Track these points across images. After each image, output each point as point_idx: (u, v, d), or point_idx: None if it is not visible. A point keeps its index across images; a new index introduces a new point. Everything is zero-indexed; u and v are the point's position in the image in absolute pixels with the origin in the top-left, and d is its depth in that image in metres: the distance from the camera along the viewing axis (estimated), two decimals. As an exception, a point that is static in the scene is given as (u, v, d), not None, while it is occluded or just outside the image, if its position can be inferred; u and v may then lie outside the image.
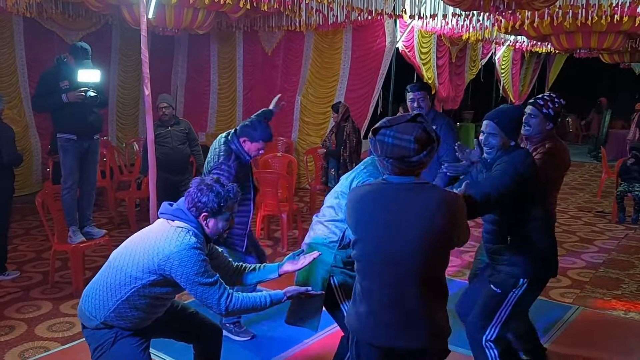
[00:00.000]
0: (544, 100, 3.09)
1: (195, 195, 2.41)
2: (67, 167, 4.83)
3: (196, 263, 2.33)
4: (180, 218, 2.43)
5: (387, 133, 2.00)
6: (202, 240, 2.45)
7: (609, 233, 6.78)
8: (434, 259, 2.05)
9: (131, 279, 2.39)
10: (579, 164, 13.01)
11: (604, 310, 4.41)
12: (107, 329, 2.45)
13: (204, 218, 2.42)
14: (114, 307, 2.41)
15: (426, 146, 1.99)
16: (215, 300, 2.38)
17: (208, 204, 2.39)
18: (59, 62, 4.85)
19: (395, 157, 1.99)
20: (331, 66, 9.10)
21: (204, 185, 2.41)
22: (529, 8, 5.34)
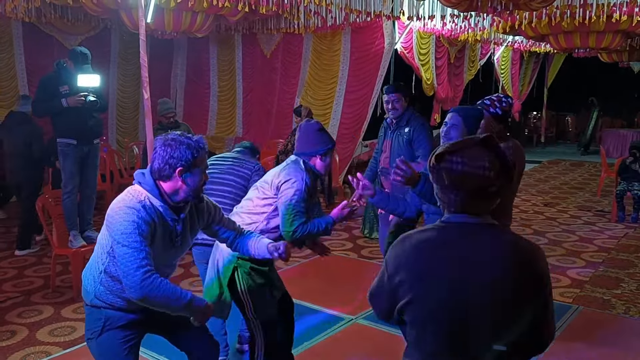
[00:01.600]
0: (491, 100, 3.10)
1: (164, 151, 2.23)
2: (67, 172, 4.85)
3: (125, 222, 2.15)
4: (138, 182, 2.29)
5: (455, 159, 1.60)
6: (159, 206, 2.25)
7: (609, 232, 6.79)
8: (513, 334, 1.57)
9: (102, 247, 2.30)
10: (578, 163, 13.03)
11: (604, 310, 4.42)
12: (98, 310, 2.34)
13: (179, 173, 2.23)
14: (99, 279, 2.31)
15: (501, 174, 1.61)
16: (133, 268, 2.13)
17: (182, 157, 2.22)
18: (58, 67, 4.87)
19: (468, 188, 1.59)
20: (330, 68, 9.12)
21: (171, 141, 2.24)
22: (527, 8, 5.36)
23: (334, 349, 3.81)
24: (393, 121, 4.28)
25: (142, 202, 2.22)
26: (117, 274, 2.24)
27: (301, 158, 3.00)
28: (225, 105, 10.47)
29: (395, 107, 4.16)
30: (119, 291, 2.29)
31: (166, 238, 2.31)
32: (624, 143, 13.47)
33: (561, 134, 17.71)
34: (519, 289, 1.55)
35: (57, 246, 4.74)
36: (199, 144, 2.28)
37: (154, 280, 2.16)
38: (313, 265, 5.54)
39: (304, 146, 3.03)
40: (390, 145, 4.22)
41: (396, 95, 4.17)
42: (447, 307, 1.58)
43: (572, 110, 17.46)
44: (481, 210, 1.63)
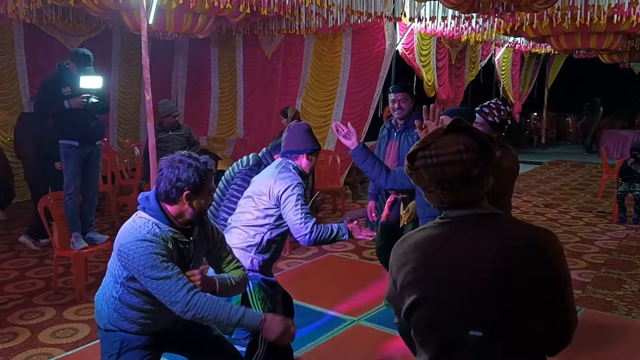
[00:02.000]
0: (490, 108, 3.09)
1: (171, 174, 2.17)
2: (69, 174, 4.84)
3: (144, 256, 2.12)
4: (144, 208, 2.24)
5: (427, 154, 1.53)
6: (167, 231, 2.22)
7: (610, 233, 6.79)
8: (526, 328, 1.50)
9: (114, 277, 2.27)
10: (579, 164, 13.02)
11: (606, 311, 4.42)
12: (113, 333, 2.34)
13: (186, 197, 2.18)
14: (113, 306, 2.30)
15: (480, 152, 1.52)
16: (172, 295, 2.13)
17: (190, 180, 2.16)
18: (60, 68, 4.87)
19: (451, 177, 1.52)
20: (331, 69, 9.12)
21: (178, 162, 2.18)
22: (528, 10, 5.36)
23: (335, 351, 3.80)
24: (398, 122, 4.22)
25: (151, 230, 2.18)
26: (132, 302, 2.27)
27: (287, 159, 3.05)
28: (226, 106, 10.48)
29: (401, 106, 4.08)
30: (134, 317, 2.31)
31: (180, 261, 2.27)
32: (624, 144, 13.48)
33: (562, 135, 17.71)
34: (525, 283, 1.47)
35: (58, 248, 4.74)
36: (207, 166, 2.23)
37: (200, 297, 2.16)
38: (314, 267, 5.54)
39: (292, 144, 3.07)
40: (399, 147, 4.11)
41: (403, 94, 4.09)
42: (449, 307, 1.53)
43: (573, 112, 17.46)
44: (473, 197, 1.54)
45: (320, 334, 3.95)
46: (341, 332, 4.03)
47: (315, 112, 9.33)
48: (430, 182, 1.54)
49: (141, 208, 2.26)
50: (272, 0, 6.09)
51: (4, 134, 8.15)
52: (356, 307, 4.42)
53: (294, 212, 2.85)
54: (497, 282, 1.48)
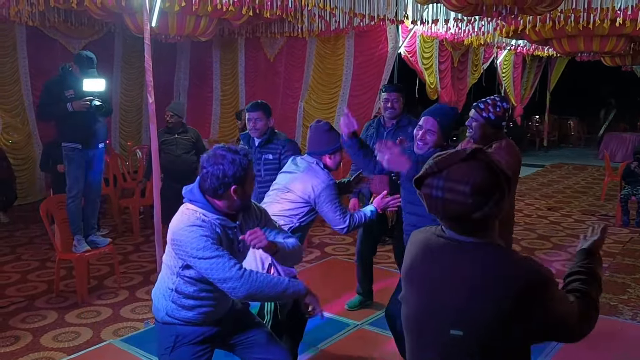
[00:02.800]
0: (485, 104, 3.07)
1: (217, 170, 2.23)
2: (72, 176, 4.83)
3: (195, 239, 2.21)
4: (190, 200, 2.34)
5: (434, 184, 1.47)
6: (215, 218, 2.29)
7: (614, 237, 6.76)
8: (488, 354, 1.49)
9: (170, 269, 2.37)
10: (581, 166, 13.00)
11: (611, 316, 4.39)
12: (169, 327, 2.39)
13: (234, 192, 2.26)
14: (170, 298, 2.37)
15: (490, 195, 1.43)
16: (226, 271, 2.20)
17: (235, 175, 2.23)
18: (63, 71, 4.86)
19: (450, 215, 1.48)
20: (333, 72, 9.11)
21: (220, 158, 2.24)
22: (532, 13, 5.34)
23: (339, 355, 3.78)
24: (387, 121, 4.25)
25: (199, 218, 2.27)
26: (188, 291, 2.34)
27: (314, 159, 3.29)
28: (228, 109, 10.47)
29: (394, 106, 4.17)
30: (191, 305, 2.37)
31: (230, 246, 2.35)
32: (626, 147, 13.45)
33: (564, 138, 17.70)
34: (491, 315, 1.43)
35: (60, 251, 4.73)
36: (248, 158, 2.29)
37: (250, 273, 2.25)
38: (318, 270, 5.52)
39: (314, 146, 3.34)
40: None
41: (396, 94, 4.18)
42: (420, 320, 1.56)
43: (575, 114, 17.45)
44: (469, 232, 1.49)
45: (323, 338, 3.93)
46: (344, 336, 4.01)
47: (318, 115, 9.29)
48: (430, 211, 1.51)
49: (187, 201, 2.35)
50: (275, 3, 6.08)
51: (6, 137, 8.15)
52: (359, 311, 4.40)
53: (333, 210, 3.17)
54: (464, 312, 1.46)
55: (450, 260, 1.51)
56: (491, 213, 1.45)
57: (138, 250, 6.12)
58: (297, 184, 3.20)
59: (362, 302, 4.48)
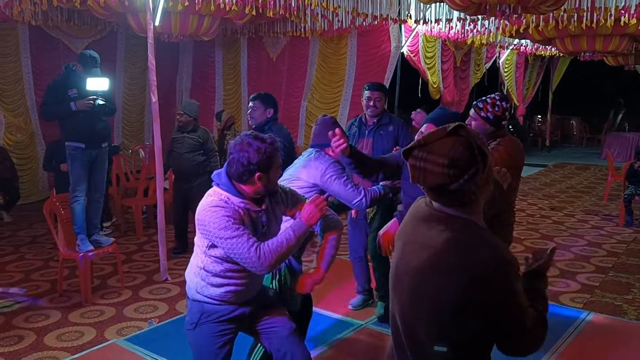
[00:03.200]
0: (484, 103, 3.06)
1: (242, 156, 2.32)
2: (75, 176, 4.82)
3: (217, 219, 2.32)
4: (217, 183, 2.44)
5: (419, 155, 1.54)
6: (239, 202, 2.38)
7: (617, 237, 6.74)
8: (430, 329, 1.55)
9: (199, 248, 2.48)
10: (583, 166, 12.98)
11: (615, 316, 4.38)
12: (197, 304, 2.50)
13: (258, 178, 2.34)
14: (199, 275, 2.48)
15: (466, 169, 1.48)
16: (245, 250, 2.31)
17: (260, 162, 2.32)
18: (67, 70, 4.86)
19: (429, 185, 1.54)
20: (336, 71, 9.10)
21: (247, 145, 2.33)
22: (535, 12, 5.33)
23: (343, 354, 3.78)
24: (369, 119, 4.31)
25: (222, 199, 2.38)
26: (216, 270, 2.45)
27: (316, 150, 3.36)
28: (231, 108, 10.45)
29: (376, 104, 4.22)
30: (219, 284, 2.47)
31: (254, 229, 2.44)
32: (629, 147, 13.43)
33: (566, 138, 17.67)
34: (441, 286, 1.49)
35: (64, 250, 4.72)
36: (274, 146, 2.38)
37: (264, 248, 2.34)
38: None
39: (319, 138, 3.37)
40: (372, 144, 4.25)
41: (379, 93, 4.24)
42: (393, 276, 1.67)
43: (577, 114, 17.42)
44: (448, 203, 1.56)
45: (327, 338, 3.93)
46: (349, 336, 4.01)
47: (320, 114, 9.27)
48: (415, 181, 1.58)
49: (215, 184, 2.46)
50: (278, 2, 6.08)
51: (9, 136, 8.16)
52: (363, 310, 4.39)
53: (343, 185, 3.17)
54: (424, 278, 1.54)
55: (425, 227, 1.59)
56: (467, 186, 1.50)
57: (141, 250, 6.11)
58: (302, 170, 3.27)
59: (364, 302, 4.48)
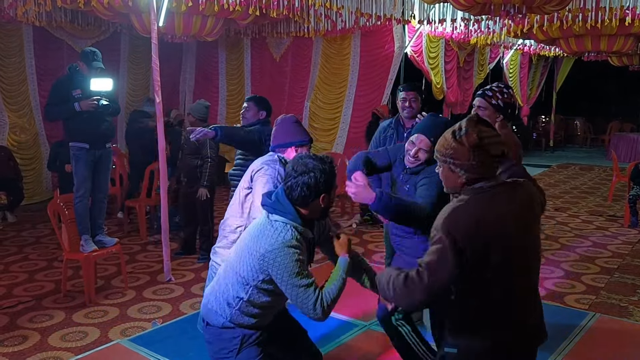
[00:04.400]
0: (492, 91, 3.04)
1: (309, 180, 2.29)
2: (79, 176, 4.82)
3: (291, 263, 2.23)
4: (278, 211, 2.33)
5: (488, 135, 2.01)
6: (302, 231, 2.33)
7: (622, 237, 6.72)
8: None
9: (243, 279, 2.36)
10: (588, 167, 12.93)
11: (621, 317, 4.35)
12: (231, 330, 2.42)
13: (322, 200, 2.33)
14: (237, 306, 2.39)
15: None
16: (312, 304, 2.25)
17: (327, 184, 2.31)
18: (71, 70, 4.87)
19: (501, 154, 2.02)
20: (340, 72, 9.09)
21: (311, 169, 2.29)
22: (540, 12, 5.31)
23: (347, 356, 3.77)
24: (406, 122, 4.17)
25: (294, 235, 2.29)
26: (261, 301, 2.38)
27: (276, 153, 3.18)
28: (234, 108, 10.45)
29: (412, 105, 4.11)
30: (256, 313, 2.42)
31: (309, 256, 2.43)
32: (633, 147, 13.38)
33: (570, 138, 17.62)
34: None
35: (68, 250, 4.73)
36: (333, 167, 2.37)
37: (326, 297, 2.29)
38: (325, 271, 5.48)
39: (279, 137, 3.20)
40: None
41: (414, 93, 4.14)
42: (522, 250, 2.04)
43: (581, 114, 17.37)
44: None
45: (331, 339, 3.92)
46: (352, 337, 3.99)
47: (323, 115, 9.30)
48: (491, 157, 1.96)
49: (272, 211, 2.35)
50: (282, 3, 6.07)
51: (13, 137, 8.17)
52: (367, 312, 4.37)
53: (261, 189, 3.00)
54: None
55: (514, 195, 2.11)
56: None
57: (144, 250, 6.12)
58: (244, 181, 3.24)
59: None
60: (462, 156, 1.95)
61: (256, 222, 2.42)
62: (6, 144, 7.88)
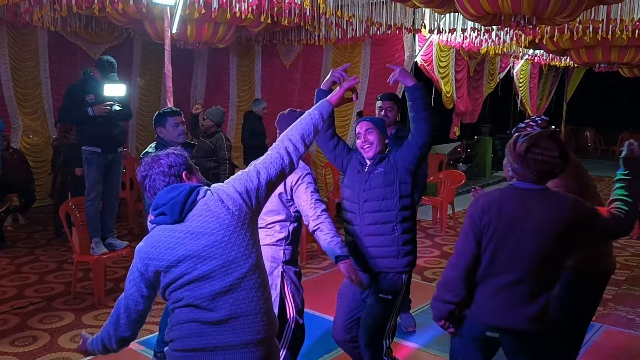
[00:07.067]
0: (526, 123, 3.04)
1: (163, 169, 2.09)
2: (90, 179, 4.89)
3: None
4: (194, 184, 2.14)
5: (536, 152, 2.22)
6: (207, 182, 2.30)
7: (631, 249, 6.68)
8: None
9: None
10: (598, 178, 12.86)
11: (628, 329, 4.34)
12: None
13: (186, 176, 2.16)
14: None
15: (564, 162, 2.25)
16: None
17: (180, 162, 2.15)
18: (85, 76, 4.95)
19: (543, 171, 2.23)
20: (349, 80, 9.12)
21: (154, 163, 2.10)
22: (550, 23, 5.32)
23: None
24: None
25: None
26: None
27: None
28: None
29: (387, 114, 4.22)
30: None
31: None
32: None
33: (580, 149, 17.54)
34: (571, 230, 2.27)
35: (78, 253, 4.79)
36: (181, 152, 2.30)
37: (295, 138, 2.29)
38: (331, 277, 5.51)
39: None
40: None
41: (390, 102, 4.24)
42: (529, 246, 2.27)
43: (592, 125, 17.30)
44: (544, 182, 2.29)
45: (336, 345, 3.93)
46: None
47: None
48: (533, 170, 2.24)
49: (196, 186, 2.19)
50: (293, 11, 6.12)
51: (26, 139, 8.28)
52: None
53: (305, 198, 2.98)
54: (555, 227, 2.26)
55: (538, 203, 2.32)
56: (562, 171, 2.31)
57: (153, 254, 6.16)
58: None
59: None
60: (510, 158, 2.31)
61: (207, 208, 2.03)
62: (19, 147, 7.99)
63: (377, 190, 3.01)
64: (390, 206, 2.99)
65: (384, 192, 3.00)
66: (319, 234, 2.92)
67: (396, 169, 3.01)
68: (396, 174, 3.00)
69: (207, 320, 1.95)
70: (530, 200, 2.25)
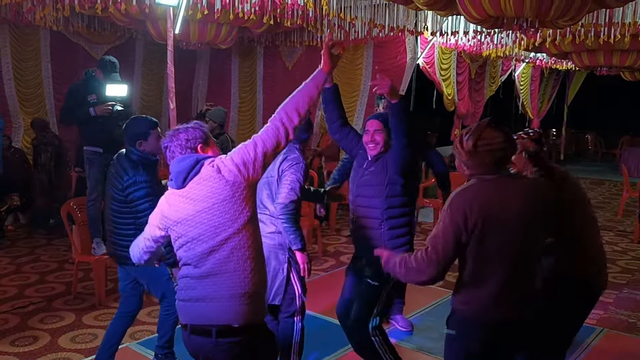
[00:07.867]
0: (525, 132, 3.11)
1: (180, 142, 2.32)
2: (92, 180, 4.90)
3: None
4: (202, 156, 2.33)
5: (484, 144, 2.27)
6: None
7: (632, 253, 6.68)
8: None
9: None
10: (598, 181, 12.87)
11: (629, 333, 4.34)
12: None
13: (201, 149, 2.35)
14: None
15: (511, 146, 2.32)
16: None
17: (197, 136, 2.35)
18: (87, 76, 4.95)
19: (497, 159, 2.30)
20: (352, 82, 9.14)
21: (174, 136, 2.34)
22: (552, 26, 5.32)
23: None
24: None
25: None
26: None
27: (294, 144, 3.31)
28: (246, 116, 10.54)
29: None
30: None
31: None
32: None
33: (581, 152, 17.56)
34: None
35: (79, 253, 4.78)
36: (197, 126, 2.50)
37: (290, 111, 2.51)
38: (332, 278, 5.51)
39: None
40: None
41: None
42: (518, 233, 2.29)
43: (592, 128, 17.31)
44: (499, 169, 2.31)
45: (338, 347, 3.92)
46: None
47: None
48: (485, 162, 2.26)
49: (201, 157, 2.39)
50: (296, 12, 6.13)
51: (27, 139, 8.28)
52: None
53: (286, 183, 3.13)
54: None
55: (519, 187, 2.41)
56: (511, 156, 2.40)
57: (154, 255, 6.16)
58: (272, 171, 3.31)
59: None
60: (462, 157, 2.31)
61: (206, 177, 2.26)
62: (20, 146, 7.99)
63: (367, 187, 3.18)
64: (377, 204, 3.13)
65: (373, 190, 3.16)
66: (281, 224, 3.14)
67: (387, 170, 3.13)
68: (386, 175, 3.12)
69: (194, 276, 2.27)
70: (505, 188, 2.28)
